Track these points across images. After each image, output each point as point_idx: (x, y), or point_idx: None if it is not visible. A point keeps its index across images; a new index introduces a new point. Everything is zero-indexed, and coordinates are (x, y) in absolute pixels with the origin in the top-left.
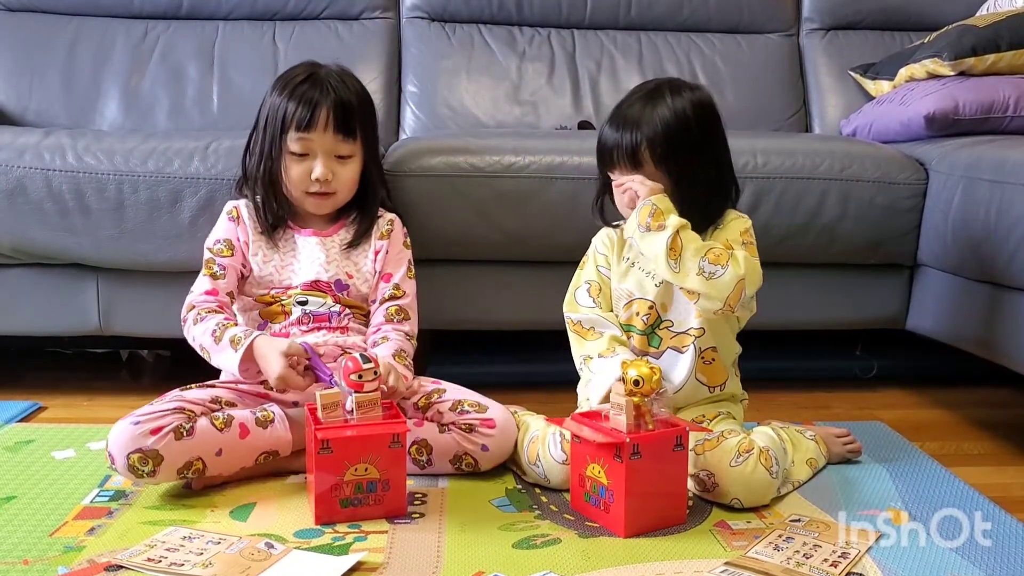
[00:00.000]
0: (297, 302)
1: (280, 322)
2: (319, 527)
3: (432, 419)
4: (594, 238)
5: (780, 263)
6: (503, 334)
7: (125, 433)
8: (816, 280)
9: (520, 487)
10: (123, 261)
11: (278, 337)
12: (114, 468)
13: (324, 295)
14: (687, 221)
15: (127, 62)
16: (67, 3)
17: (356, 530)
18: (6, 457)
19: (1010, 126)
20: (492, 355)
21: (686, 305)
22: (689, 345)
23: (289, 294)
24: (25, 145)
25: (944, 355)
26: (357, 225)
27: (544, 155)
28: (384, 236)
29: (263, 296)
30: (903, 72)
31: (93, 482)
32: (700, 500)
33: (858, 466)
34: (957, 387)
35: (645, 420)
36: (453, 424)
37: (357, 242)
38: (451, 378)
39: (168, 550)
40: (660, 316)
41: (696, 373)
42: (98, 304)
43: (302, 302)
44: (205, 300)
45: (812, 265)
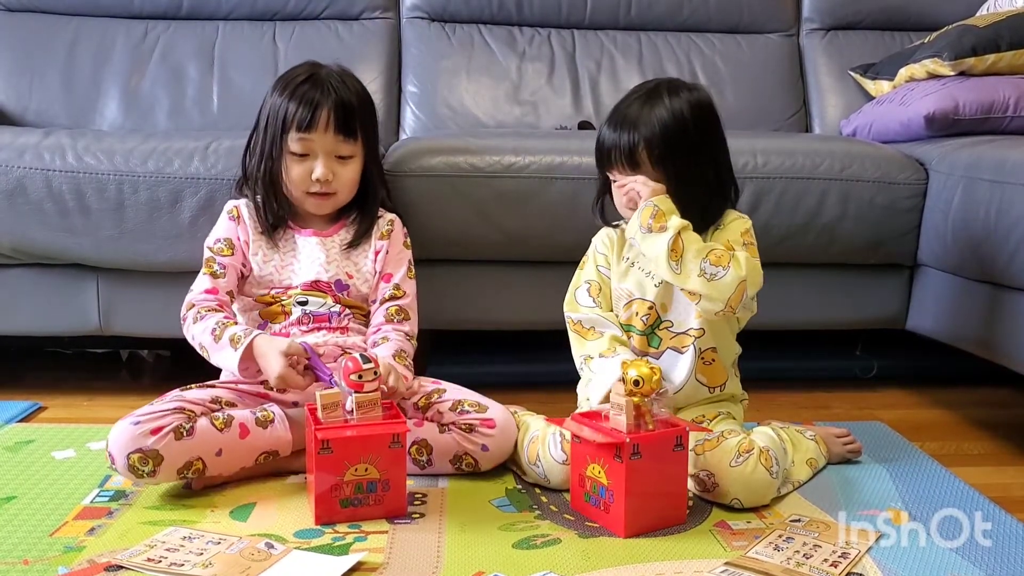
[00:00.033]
0: (297, 302)
1: (280, 322)
2: (319, 527)
3: (432, 419)
4: (594, 238)
5: (780, 263)
6: (503, 334)
7: (125, 433)
8: (816, 280)
9: (520, 487)
10: (123, 261)
11: (278, 337)
12: (114, 468)
13: (324, 295)
14: (689, 222)
15: (127, 62)
16: (67, 3)
17: (356, 530)
18: (6, 457)
19: (1010, 126)
20: (492, 355)
21: (686, 306)
22: (689, 345)
23: (289, 294)
24: (25, 145)
25: (944, 355)
26: (357, 225)
27: (544, 155)
28: (384, 236)
29: (263, 296)
30: (903, 72)
31: (93, 482)
32: (700, 500)
33: (858, 466)
34: (957, 387)
35: (645, 420)
36: (453, 424)
37: (357, 242)
38: (451, 378)
39: (168, 550)
40: (660, 316)
41: (696, 374)
42: (98, 304)
43: (302, 302)
44: (205, 299)
45: (812, 265)
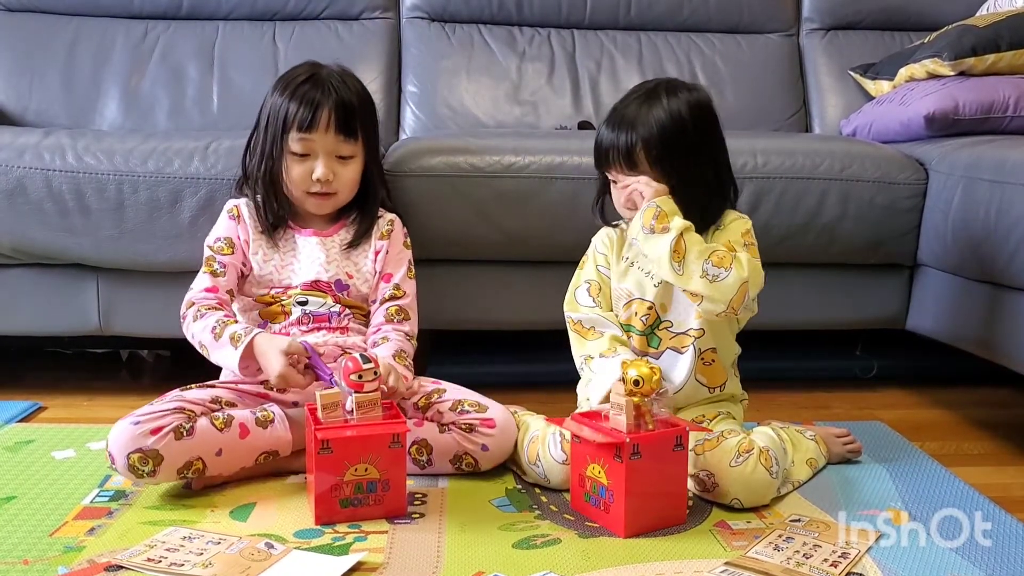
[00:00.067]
0: (297, 302)
1: (280, 322)
2: (319, 527)
3: (432, 419)
4: (594, 237)
5: (780, 263)
6: (503, 334)
7: (125, 433)
8: (816, 280)
9: (520, 487)
10: (123, 261)
11: (278, 336)
12: (114, 468)
13: (324, 295)
14: (691, 223)
15: (127, 62)
16: (67, 3)
17: (356, 530)
18: (6, 457)
19: (1010, 126)
20: (492, 355)
21: (686, 306)
22: (689, 346)
23: (289, 294)
24: (25, 145)
25: (944, 355)
26: (357, 225)
27: (544, 155)
28: (384, 236)
29: (263, 296)
30: (903, 72)
31: (93, 482)
32: (700, 500)
33: (858, 466)
34: (957, 387)
35: (645, 420)
36: (453, 424)
37: (357, 242)
38: (451, 378)
39: (168, 550)
40: (659, 317)
41: (696, 374)
42: (98, 304)
43: (302, 302)
44: (205, 297)
45: (812, 265)
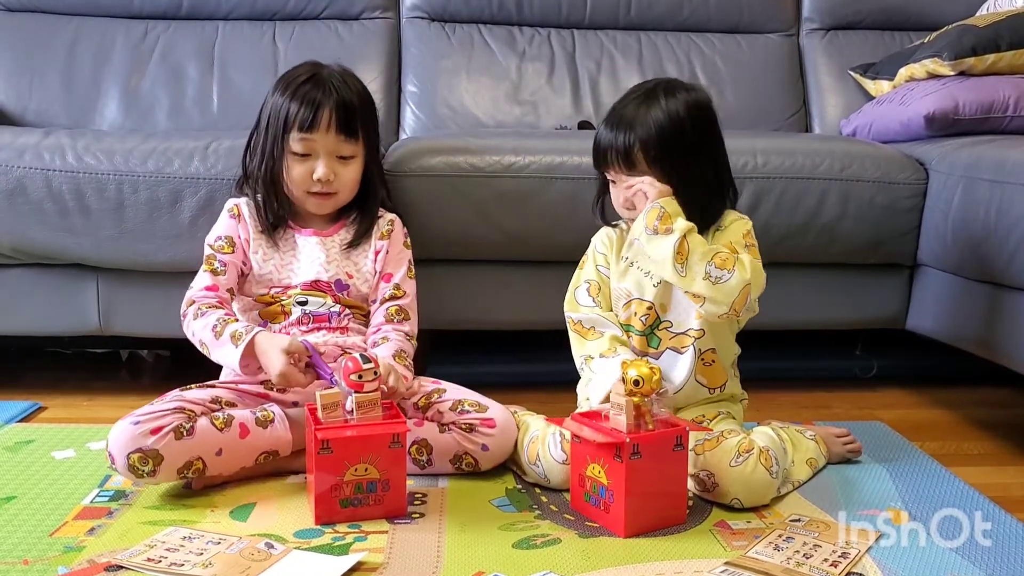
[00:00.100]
0: (297, 302)
1: (280, 322)
2: (319, 527)
3: (432, 419)
4: (593, 237)
5: (780, 263)
6: (503, 334)
7: (125, 433)
8: (816, 280)
9: (520, 487)
10: (123, 261)
11: (279, 334)
12: (114, 468)
13: (324, 295)
14: (694, 225)
15: (127, 62)
16: (67, 3)
17: (356, 530)
18: (6, 457)
19: (1010, 126)
20: (492, 355)
21: (685, 306)
22: (688, 346)
23: (289, 294)
24: (25, 145)
25: (944, 355)
26: (357, 225)
27: (544, 155)
28: (384, 236)
29: (263, 296)
30: (903, 72)
31: (93, 482)
32: (700, 500)
33: (858, 466)
34: (957, 387)
35: (645, 420)
36: (453, 424)
37: (357, 242)
38: (451, 378)
39: (168, 550)
40: (659, 317)
41: (696, 375)
42: (98, 304)
43: (302, 302)
44: (205, 295)
45: (812, 265)
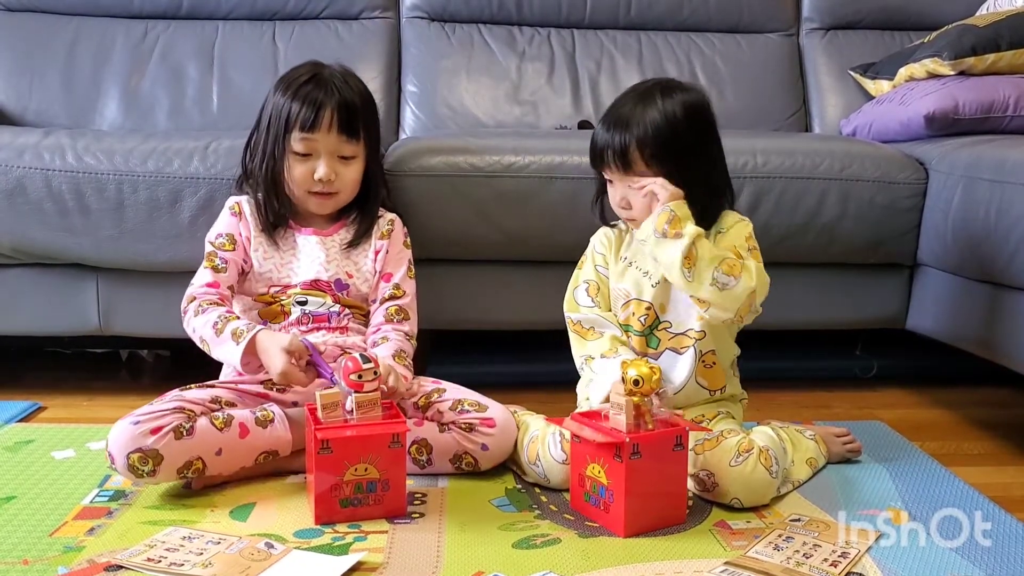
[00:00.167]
0: (296, 302)
1: (279, 322)
2: (319, 527)
3: (432, 419)
4: (592, 237)
5: (780, 263)
6: (503, 334)
7: (125, 433)
8: (816, 280)
9: (520, 487)
10: (123, 261)
11: (280, 333)
12: (114, 468)
13: (324, 295)
14: (703, 230)
15: (127, 62)
16: (67, 3)
17: (356, 530)
18: (6, 457)
19: (1010, 126)
20: (492, 355)
21: (685, 307)
22: (688, 347)
23: (288, 294)
24: (25, 145)
25: (944, 355)
26: (357, 225)
27: (544, 155)
28: (384, 236)
29: (263, 295)
30: (903, 72)
31: (93, 482)
32: (700, 500)
33: (858, 466)
34: (957, 387)
35: (645, 420)
36: (453, 423)
37: (357, 242)
38: (451, 378)
39: (168, 550)
40: (658, 317)
41: (697, 376)
42: (98, 304)
43: (302, 302)
44: (206, 292)
45: (812, 265)
